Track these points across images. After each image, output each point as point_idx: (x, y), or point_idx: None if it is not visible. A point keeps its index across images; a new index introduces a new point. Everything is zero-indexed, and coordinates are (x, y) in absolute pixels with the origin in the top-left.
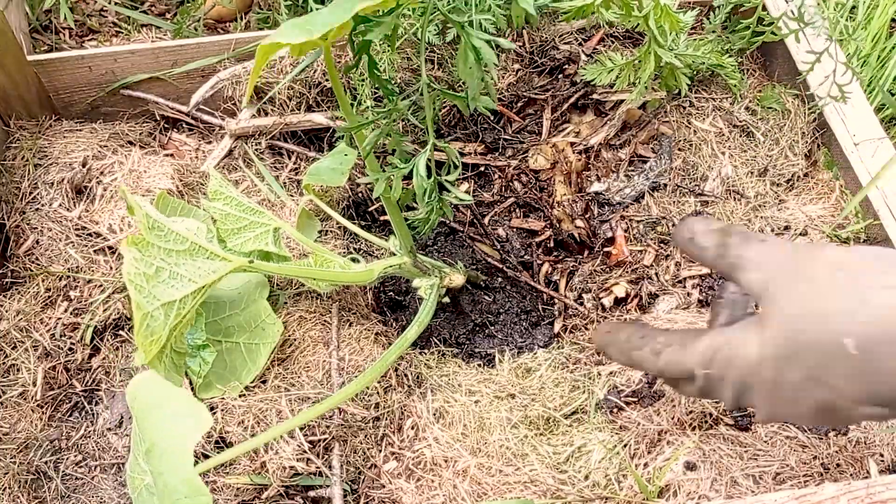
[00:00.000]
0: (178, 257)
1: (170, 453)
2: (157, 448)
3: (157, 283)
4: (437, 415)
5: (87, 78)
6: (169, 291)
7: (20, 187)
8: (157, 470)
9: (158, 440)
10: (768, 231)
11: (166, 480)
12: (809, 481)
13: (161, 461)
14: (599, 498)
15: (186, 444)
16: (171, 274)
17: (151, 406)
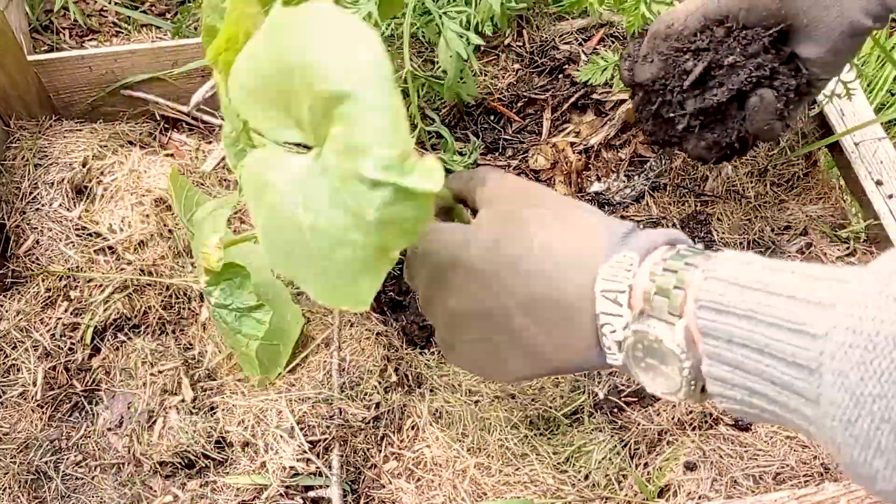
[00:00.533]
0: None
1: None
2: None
3: None
4: (436, 415)
5: (87, 78)
6: None
7: (20, 187)
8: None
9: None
10: (768, 231)
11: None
12: (809, 481)
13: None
14: (599, 498)
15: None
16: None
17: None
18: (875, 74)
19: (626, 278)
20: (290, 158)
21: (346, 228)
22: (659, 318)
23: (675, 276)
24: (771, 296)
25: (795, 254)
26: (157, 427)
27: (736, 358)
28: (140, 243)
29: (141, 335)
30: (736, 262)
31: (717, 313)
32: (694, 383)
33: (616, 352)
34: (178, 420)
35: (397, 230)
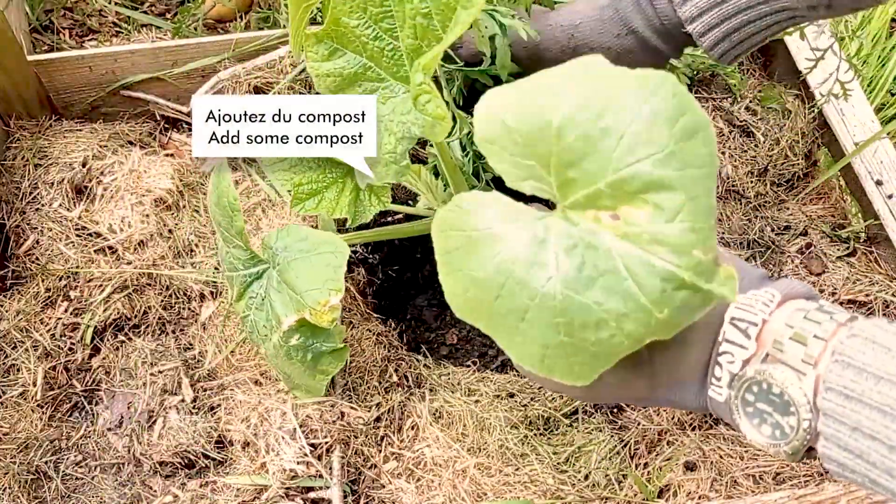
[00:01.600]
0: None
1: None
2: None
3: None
4: (436, 415)
5: (87, 78)
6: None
7: (20, 187)
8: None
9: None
10: (768, 231)
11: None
12: (809, 481)
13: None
14: (599, 498)
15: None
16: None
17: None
18: (875, 74)
19: (762, 311)
20: (526, 211)
21: (618, 315)
22: (788, 364)
23: (819, 327)
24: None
25: (795, 254)
26: (157, 427)
27: (860, 447)
28: (140, 243)
29: (141, 335)
30: (868, 341)
31: (846, 398)
32: (807, 441)
33: (724, 385)
34: (178, 420)
35: (671, 328)
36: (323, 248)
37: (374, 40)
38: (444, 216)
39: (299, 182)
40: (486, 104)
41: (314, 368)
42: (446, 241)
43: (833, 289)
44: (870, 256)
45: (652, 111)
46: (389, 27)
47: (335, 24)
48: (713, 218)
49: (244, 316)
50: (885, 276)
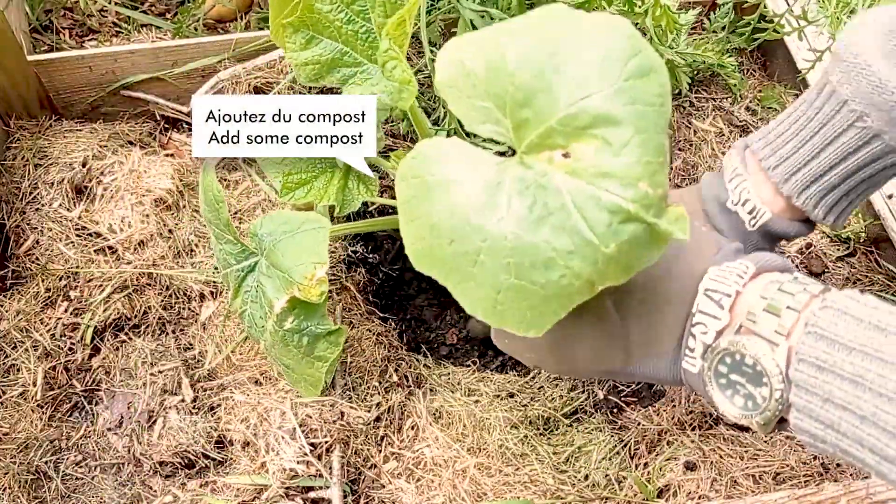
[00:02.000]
0: None
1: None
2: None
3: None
4: (436, 415)
5: (87, 78)
6: None
7: (20, 187)
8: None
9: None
10: None
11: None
12: (809, 481)
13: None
14: (599, 498)
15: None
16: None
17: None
18: None
19: (735, 283)
20: (484, 157)
21: (566, 253)
22: (761, 335)
23: (793, 298)
24: (884, 364)
25: (795, 254)
26: (157, 427)
27: (831, 418)
28: (140, 243)
29: (141, 335)
30: (839, 312)
31: (818, 370)
32: (779, 411)
33: (697, 356)
34: (178, 420)
35: (622, 267)
36: (305, 226)
37: (347, 24)
38: (405, 163)
39: (289, 172)
40: (447, 49)
41: (311, 354)
42: (407, 189)
43: None
44: (870, 256)
45: (605, 49)
46: (361, 9)
47: (309, 11)
48: (663, 156)
49: (242, 312)
50: (885, 276)
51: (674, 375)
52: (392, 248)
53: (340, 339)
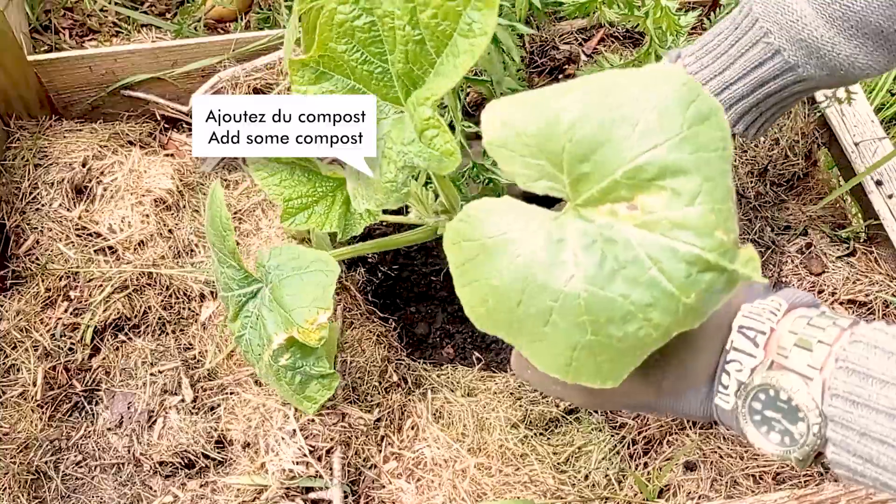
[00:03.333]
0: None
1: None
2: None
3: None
4: (436, 415)
5: (87, 78)
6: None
7: (20, 187)
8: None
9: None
10: (768, 231)
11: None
12: (809, 481)
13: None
14: (599, 498)
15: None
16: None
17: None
18: None
19: (769, 320)
20: (537, 213)
21: (644, 306)
22: (794, 370)
23: (823, 332)
24: None
25: (795, 254)
26: (157, 427)
27: (869, 452)
28: (140, 243)
29: (141, 335)
30: (869, 346)
31: (853, 405)
32: (817, 445)
33: (731, 394)
34: (178, 420)
35: (699, 314)
36: (314, 267)
37: (362, 64)
38: (455, 227)
39: (289, 197)
40: (493, 110)
41: (301, 394)
42: (460, 253)
43: (833, 289)
44: (870, 256)
45: (663, 98)
46: (378, 51)
47: (323, 50)
48: (731, 200)
49: (239, 335)
50: (885, 276)
51: (705, 411)
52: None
53: (333, 384)
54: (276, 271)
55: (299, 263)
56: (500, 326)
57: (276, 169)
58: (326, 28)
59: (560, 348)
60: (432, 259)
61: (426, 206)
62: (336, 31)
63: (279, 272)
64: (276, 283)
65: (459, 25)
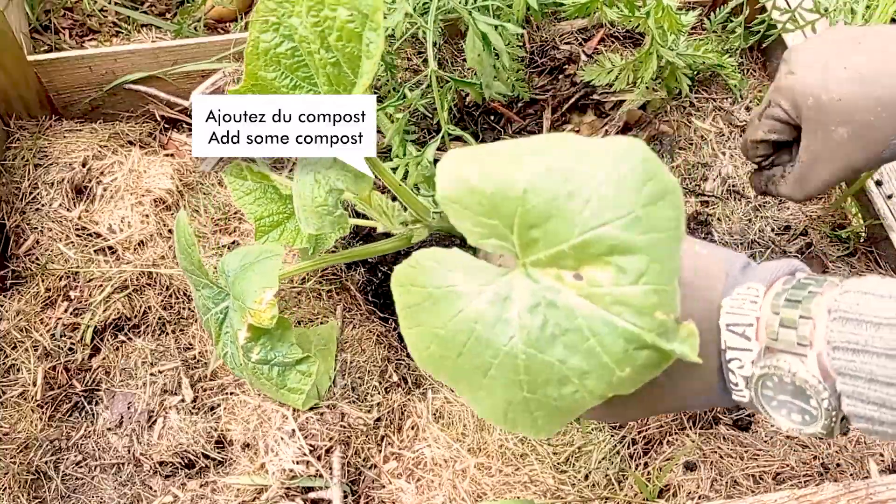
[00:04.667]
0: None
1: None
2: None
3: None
4: (437, 415)
5: (87, 78)
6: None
7: (20, 187)
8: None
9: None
10: (768, 231)
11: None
12: (809, 481)
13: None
14: (599, 498)
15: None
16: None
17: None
18: None
19: (752, 311)
20: (486, 268)
21: (580, 372)
22: (788, 350)
23: (801, 306)
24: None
25: (795, 254)
26: (157, 427)
27: (881, 397)
28: (140, 243)
29: (141, 335)
30: (859, 293)
31: (853, 353)
32: (835, 414)
33: (743, 388)
34: (178, 420)
35: (633, 384)
36: (262, 256)
37: (293, 90)
38: (403, 271)
39: (260, 215)
40: (449, 163)
41: (284, 387)
42: (407, 296)
43: None
44: (870, 256)
45: (620, 176)
46: (306, 75)
47: (254, 80)
48: (676, 280)
49: (224, 354)
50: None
51: (729, 403)
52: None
53: (312, 368)
54: (233, 272)
55: (249, 259)
56: (441, 372)
57: (250, 188)
58: (253, 57)
59: (497, 401)
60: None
61: (390, 218)
62: (262, 59)
63: (234, 272)
64: (233, 283)
65: (361, 46)
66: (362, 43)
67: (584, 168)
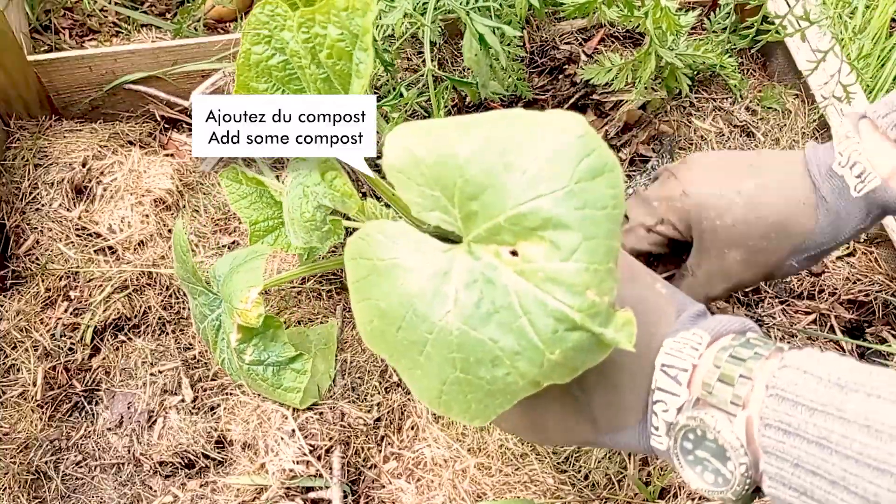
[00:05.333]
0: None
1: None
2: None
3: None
4: (436, 415)
5: (87, 78)
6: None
7: (20, 187)
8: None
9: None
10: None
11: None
12: None
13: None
14: (599, 498)
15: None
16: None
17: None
18: (875, 75)
19: (690, 357)
20: (432, 243)
21: (512, 353)
22: (719, 407)
23: (744, 366)
24: (847, 423)
25: None
26: (157, 427)
27: (803, 485)
28: (140, 243)
29: (141, 335)
30: (799, 371)
31: (784, 434)
32: (748, 484)
33: (662, 434)
34: (178, 420)
35: (567, 371)
36: (248, 257)
37: None
38: (354, 243)
39: (255, 220)
40: (396, 135)
41: (280, 386)
42: (356, 269)
43: (833, 289)
44: (870, 256)
45: (556, 149)
46: (297, 88)
47: (245, 91)
48: (613, 261)
49: (221, 360)
50: (885, 276)
51: (645, 449)
52: None
53: (307, 366)
54: (222, 276)
55: (238, 261)
56: (382, 348)
57: (246, 192)
58: (245, 69)
59: (432, 381)
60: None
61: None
62: (254, 70)
63: (224, 275)
64: (223, 286)
65: (351, 65)
66: (352, 62)
67: (524, 140)
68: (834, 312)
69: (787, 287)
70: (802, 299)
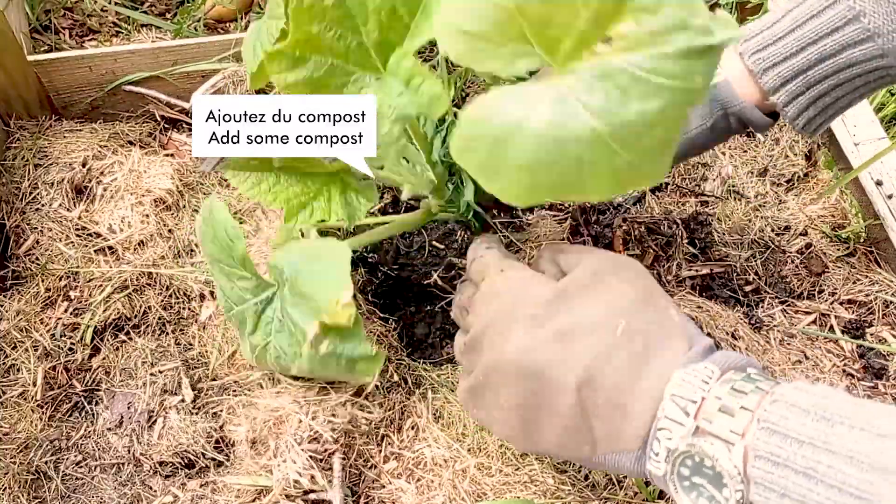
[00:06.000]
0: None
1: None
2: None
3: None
4: (437, 415)
5: (87, 78)
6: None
7: (20, 187)
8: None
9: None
10: (768, 231)
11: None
12: None
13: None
14: (599, 498)
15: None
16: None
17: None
18: None
19: (700, 389)
20: (533, 87)
21: (659, 111)
22: (718, 436)
23: (746, 398)
24: (832, 455)
25: (795, 254)
26: (157, 427)
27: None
28: (140, 243)
29: (141, 335)
30: (787, 405)
31: (773, 465)
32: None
33: (661, 460)
34: (178, 420)
35: (700, 89)
36: (324, 253)
37: (338, 41)
38: (470, 113)
39: (288, 197)
40: (443, 20)
41: (353, 371)
42: (476, 152)
43: (833, 289)
44: (870, 256)
45: None
46: (352, 25)
47: (299, 35)
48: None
49: (265, 344)
50: (885, 276)
51: (639, 472)
52: (391, 248)
53: (379, 362)
54: (291, 267)
55: (310, 253)
56: (543, 191)
57: (262, 177)
58: (297, 13)
59: (604, 179)
60: (432, 258)
61: (420, 180)
62: (308, 13)
63: (293, 267)
64: (292, 278)
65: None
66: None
67: None
68: (834, 312)
69: (788, 287)
70: (802, 299)
